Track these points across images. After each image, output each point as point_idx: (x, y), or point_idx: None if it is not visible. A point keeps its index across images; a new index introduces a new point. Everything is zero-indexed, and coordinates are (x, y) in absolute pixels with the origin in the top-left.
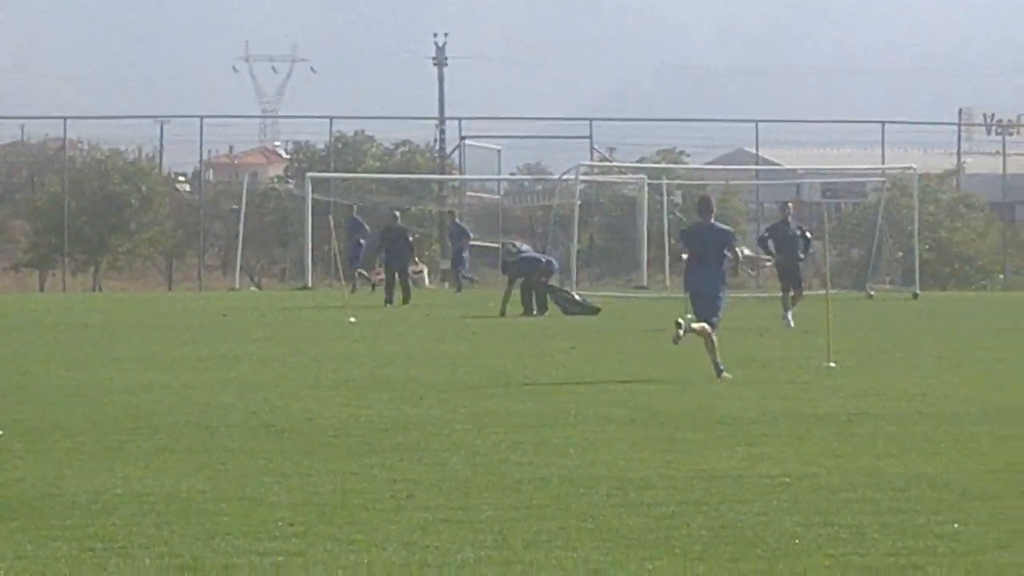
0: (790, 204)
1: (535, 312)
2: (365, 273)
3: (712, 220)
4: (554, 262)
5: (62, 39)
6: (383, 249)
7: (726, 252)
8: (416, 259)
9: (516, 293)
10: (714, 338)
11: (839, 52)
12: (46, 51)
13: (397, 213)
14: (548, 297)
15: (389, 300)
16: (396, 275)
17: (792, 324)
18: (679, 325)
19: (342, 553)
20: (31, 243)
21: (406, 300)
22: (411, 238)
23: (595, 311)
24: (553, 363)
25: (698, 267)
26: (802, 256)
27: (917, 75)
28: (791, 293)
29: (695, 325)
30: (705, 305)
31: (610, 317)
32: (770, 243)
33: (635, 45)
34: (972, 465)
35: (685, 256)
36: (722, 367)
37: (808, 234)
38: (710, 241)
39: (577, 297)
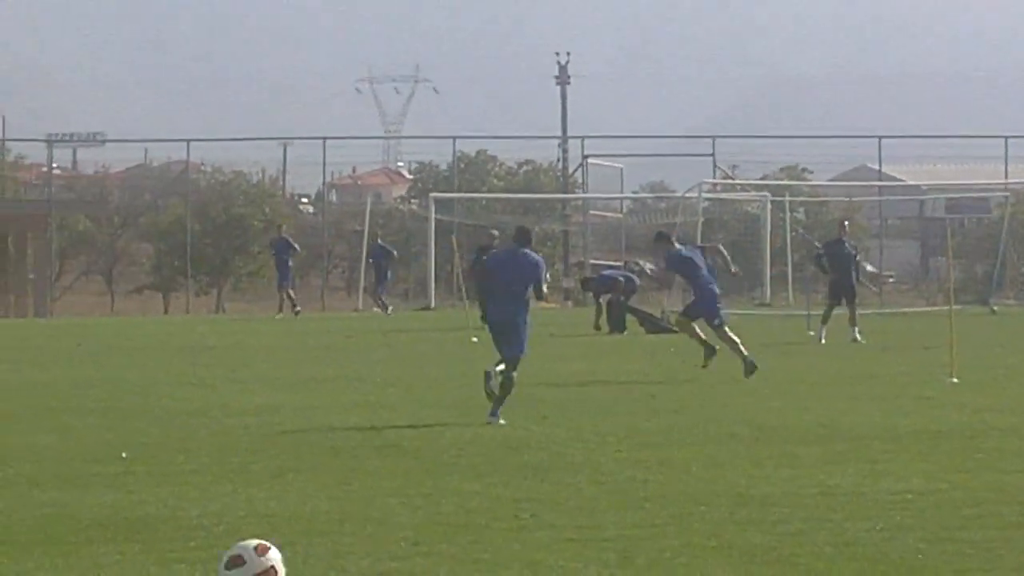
0: (846, 223)
1: (617, 331)
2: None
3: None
4: (635, 280)
5: (184, 61)
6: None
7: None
8: None
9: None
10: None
11: (954, 60)
12: (167, 72)
13: (495, 232)
14: (628, 316)
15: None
16: None
17: (824, 341)
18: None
19: (466, 573)
20: (154, 266)
21: None
22: None
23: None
24: (676, 381)
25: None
26: (858, 277)
27: None
28: (838, 311)
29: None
30: None
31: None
32: (824, 260)
33: (749, 59)
34: None
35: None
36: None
37: (858, 255)
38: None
39: (658, 316)
